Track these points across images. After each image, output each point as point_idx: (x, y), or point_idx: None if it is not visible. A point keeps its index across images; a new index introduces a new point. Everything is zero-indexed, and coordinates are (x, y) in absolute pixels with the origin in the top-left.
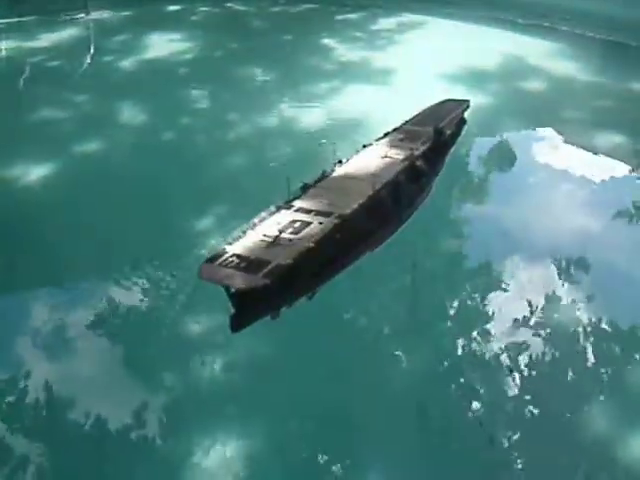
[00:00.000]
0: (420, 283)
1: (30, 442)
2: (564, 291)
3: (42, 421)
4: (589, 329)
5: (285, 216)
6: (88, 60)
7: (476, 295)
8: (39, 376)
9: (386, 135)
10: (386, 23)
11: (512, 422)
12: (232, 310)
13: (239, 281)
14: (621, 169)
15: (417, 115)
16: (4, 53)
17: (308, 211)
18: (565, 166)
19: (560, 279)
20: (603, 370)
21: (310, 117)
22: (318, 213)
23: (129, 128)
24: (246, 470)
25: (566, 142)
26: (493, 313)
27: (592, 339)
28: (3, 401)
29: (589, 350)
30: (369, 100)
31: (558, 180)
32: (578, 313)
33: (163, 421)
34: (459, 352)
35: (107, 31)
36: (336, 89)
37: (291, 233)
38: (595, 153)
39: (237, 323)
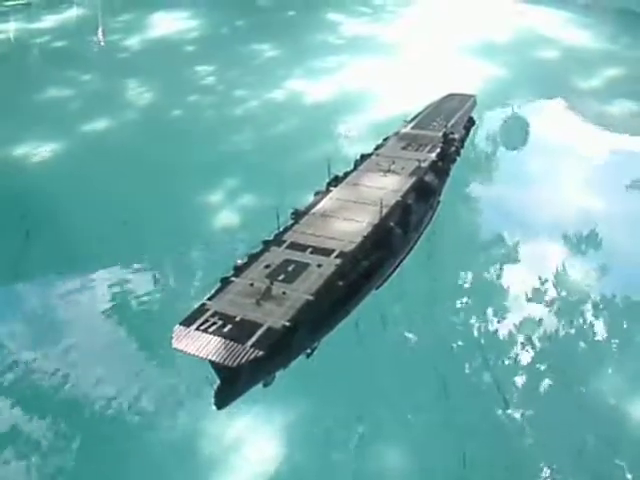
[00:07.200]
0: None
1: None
2: (584, 265)
3: (63, 400)
4: (601, 302)
5: (276, 255)
6: (94, 40)
7: (494, 273)
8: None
9: (386, 140)
10: None
11: (525, 387)
12: (216, 382)
13: (222, 355)
14: (633, 139)
15: (419, 114)
16: (11, 35)
17: (303, 247)
18: (578, 136)
19: (574, 253)
20: (613, 341)
21: (319, 91)
22: (315, 250)
23: (137, 106)
24: None
25: (579, 111)
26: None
27: (603, 312)
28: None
29: (599, 322)
30: (378, 74)
31: (571, 151)
32: (591, 287)
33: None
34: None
35: (112, 10)
36: (344, 63)
37: (284, 281)
38: (607, 122)
39: (223, 398)
